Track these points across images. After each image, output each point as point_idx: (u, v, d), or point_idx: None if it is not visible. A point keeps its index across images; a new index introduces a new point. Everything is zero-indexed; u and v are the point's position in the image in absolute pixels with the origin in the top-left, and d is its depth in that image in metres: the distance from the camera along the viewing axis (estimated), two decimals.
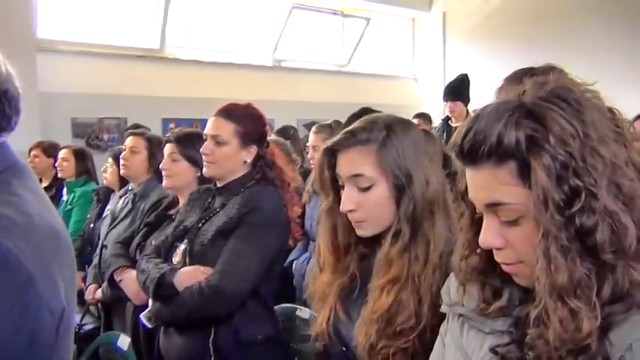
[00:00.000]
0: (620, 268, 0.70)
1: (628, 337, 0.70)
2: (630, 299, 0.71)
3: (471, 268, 0.88)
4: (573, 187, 0.70)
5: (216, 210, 1.90)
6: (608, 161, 0.71)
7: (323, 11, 7.42)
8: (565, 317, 0.70)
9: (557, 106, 0.73)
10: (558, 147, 0.71)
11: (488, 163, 0.76)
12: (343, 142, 1.19)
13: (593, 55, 7.09)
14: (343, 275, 1.27)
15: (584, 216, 0.69)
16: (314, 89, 7.16)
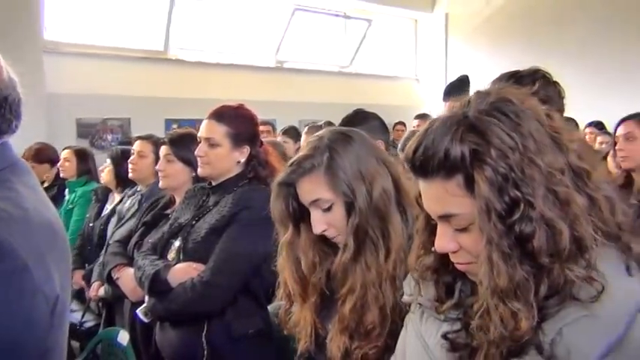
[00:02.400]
0: (556, 270, 0.75)
1: (559, 323, 0.76)
2: (564, 293, 0.76)
3: (426, 266, 0.93)
4: (513, 197, 0.75)
5: (210, 208, 1.96)
6: (544, 170, 0.76)
7: (325, 13, 7.47)
8: (505, 317, 0.76)
9: (497, 120, 0.78)
10: (499, 160, 0.76)
11: (438, 176, 0.81)
12: (292, 175, 1.27)
13: (591, 55, 7.13)
14: (313, 296, 1.34)
15: (523, 224, 0.75)
16: (316, 90, 7.21)
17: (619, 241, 0.82)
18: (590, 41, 7.15)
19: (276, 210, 1.33)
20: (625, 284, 0.78)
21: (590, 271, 0.76)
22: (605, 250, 0.80)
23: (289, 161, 1.31)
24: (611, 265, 0.79)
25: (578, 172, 0.81)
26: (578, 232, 0.76)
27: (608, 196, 0.84)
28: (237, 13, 6.83)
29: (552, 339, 0.76)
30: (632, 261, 0.81)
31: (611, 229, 0.81)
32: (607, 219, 0.82)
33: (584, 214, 0.77)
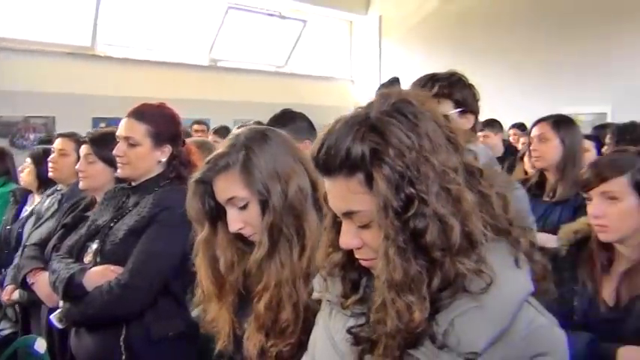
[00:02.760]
0: (448, 264, 0.79)
1: (451, 314, 0.80)
2: (456, 286, 0.80)
3: (333, 263, 0.95)
4: (408, 194, 0.78)
5: (130, 209, 1.92)
6: (438, 169, 0.79)
7: (260, 12, 7.44)
8: (400, 310, 0.79)
9: (396, 120, 0.81)
10: (397, 159, 0.79)
11: (341, 174, 0.83)
12: (208, 172, 1.27)
13: (518, 59, 7.48)
14: (231, 295, 1.34)
15: (417, 220, 0.78)
16: (251, 89, 7.17)
17: (509, 236, 0.86)
18: (517, 45, 7.49)
19: (193, 208, 1.32)
20: (513, 276, 0.83)
21: (480, 264, 0.79)
22: (495, 245, 0.84)
23: (206, 159, 1.31)
24: (500, 258, 0.83)
25: (471, 170, 0.85)
26: (469, 227, 0.80)
27: (501, 194, 0.89)
28: (169, 9, 6.69)
29: (445, 329, 0.80)
30: (521, 254, 0.86)
31: (502, 224, 0.86)
32: (498, 215, 0.86)
33: (475, 211, 0.81)
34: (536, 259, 0.88)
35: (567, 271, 1.66)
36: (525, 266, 0.85)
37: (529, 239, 0.88)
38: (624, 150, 1.63)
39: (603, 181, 1.53)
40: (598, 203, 1.54)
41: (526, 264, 0.86)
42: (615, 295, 1.57)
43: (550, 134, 2.57)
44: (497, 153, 5.23)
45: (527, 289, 0.82)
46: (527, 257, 0.87)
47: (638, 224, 1.52)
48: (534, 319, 0.81)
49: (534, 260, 0.88)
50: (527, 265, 0.86)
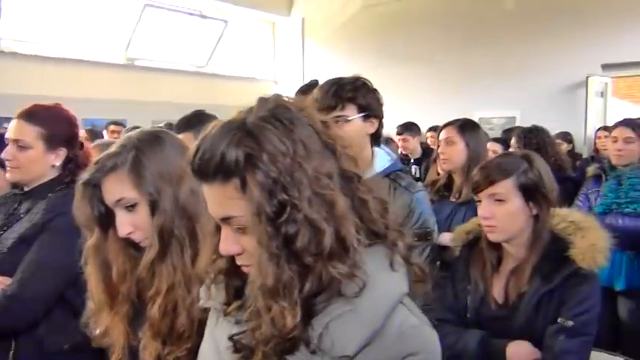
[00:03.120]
0: (320, 268, 0.79)
1: (326, 317, 0.81)
2: (331, 290, 0.81)
3: (217, 270, 0.94)
4: (281, 200, 0.78)
5: (21, 216, 1.81)
6: (312, 175, 0.80)
7: (179, 11, 7.27)
8: (273, 316, 0.79)
9: (272, 126, 0.81)
10: (270, 164, 0.78)
11: (217, 180, 0.82)
12: (95, 174, 1.22)
13: (435, 64, 7.75)
14: (124, 305, 1.29)
15: (289, 225, 0.78)
16: (171, 89, 7.00)
17: (386, 240, 0.88)
18: (434, 51, 7.77)
19: (81, 213, 1.26)
20: (387, 279, 0.85)
21: (353, 268, 0.80)
22: (372, 248, 0.86)
23: (95, 160, 1.25)
24: (376, 261, 0.85)
25: (349, 176, 0.86)
26: (342, 232, 0.80)
27: (380, 199, 0.90)
28: (83, 4, 6.40)
29: (320, 333, 0.80)
30: (398, 257, 0.88)
31: (379, 228, 0.87)
32: (375, 219, 0.87)
33: (349, 216, 0.82)
34: (413, 261, 0.90)
35: (461, 271, 1.73)
36: (401, 269, 0.87)
37: (406, 242, 0.90)
38: (510, 154, 1.71)
39: (491, 184, 1.60)
40: (486, 205, 1.62)
41: (402, 267, 0.88)
42: (504, 292, 1.65)
43: (456, 138, 2.66)
44: (415, 155, 5.39)
45: (400, 291, 0.84)
46: (405, 260, 0.89)
47: (523, 224, 1.61)
48: (406, 320, 0.83)
49: (411, 263, 0.90)
50: (404, 267, 0.88)
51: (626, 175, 2.95)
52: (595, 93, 6.73)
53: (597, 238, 1.57)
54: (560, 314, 1.55)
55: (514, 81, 7.18)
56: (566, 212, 1.67)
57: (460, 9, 7.58)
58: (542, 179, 1.60)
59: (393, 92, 8.19)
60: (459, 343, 1.63)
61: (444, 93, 7.58)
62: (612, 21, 6.61)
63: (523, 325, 1.59)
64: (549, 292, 1.57)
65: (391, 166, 1.96)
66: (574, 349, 1.53)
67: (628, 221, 2.85)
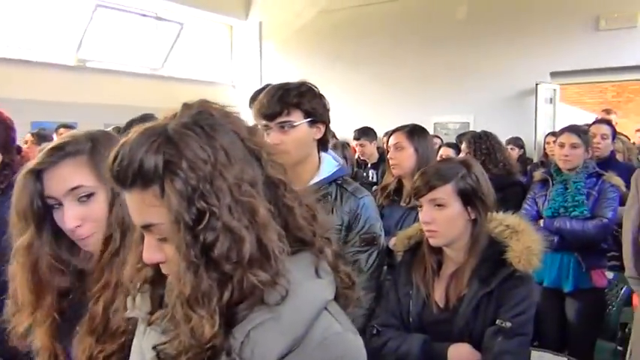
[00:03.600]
0: (240, 276, 0.79)
1: (247, 326, 0.80)
2: (253, 299, 0.80)
3: (142, 279, 0.92)
4: (200, 208, 0.77)
5: None
6: (232, 182, 0.79)
7: (133, 12, 7.14)
8: (192, 325, 0.78)
9: (193, 132, 0.80)
10: (190, 172, 0.77)
11: (136, 187, 0.80)
12: (49, 158, 1.15)
13: (391, 69, 7.86)
14: (51, 305, 1.23)
15: (207, 233, 0.77)
16: (125, 92, 6.86)
17: (312, 247, 0.87)
18: (391, 57, 7.88)
19: (21, 205, 1.17)
20: (311, 286, 0.84)
21: (275, 276, 0.80)
22: (297, 256, 0.85)
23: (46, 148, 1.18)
24: (301, 268, 0.84)
25: (275, 183, 0.86)
26: (264, 239, 0.80)
27: (309, 206, 0.90)
28: (31, 3, 6.21)
29: (242, 342, 0.79)
30: (325, 264, 0.88)
31: (306, 235, 0.87)
32: (302, 226, 0.87)
33: (271, 223, 0.81)
34: (341, 269, 0.90)
35: (403, 276, 1.76)
36: (328, 276, 0.87)
37: (334, 250, 0.90)
38: (449, 159, 1.75)
39: (431, 189, 1.63)
40: (427, 210, 1.64)
41: (329, 274, 0.88)
42: (445, 296, 1.67)
43: (405, 143, 2.69)
44: (372, 160, 5.44)
45: (324, 298, 0.84)
46: (332, 267, 0.89)
47: (462, 229, 1.64)
48: (329, 327, 0.83)
49: (339, 270, 0.90)
50: (330, 275, 0.88)
51: (572, 179, 3.05)
52: (544, 100, 6.94)
53: (532, 241, 1.62)
54: (499, 316, 1.58)
55: (467, 87, 7.35)
56: (502, 216, 1.71)
57: (414, 17, 7.71)
58: (480, 184, 1.64)
59: (350, 97, 8.33)
60: (402, 348, 1.65)
61: (400, 98, 7.69)
62: (560, 30, 6.85)
63: (463, 328, 1.62)
64: (487, 295, 1.61)
65: (338, 171, 1.96)
66: (512, 350, 1.56)
67: (575, 224, 2.95)
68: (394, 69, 7.83)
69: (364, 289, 1.86)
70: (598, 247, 3.00)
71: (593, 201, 2.98)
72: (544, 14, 6.90)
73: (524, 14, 7.02)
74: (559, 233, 2.99)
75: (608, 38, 6.59)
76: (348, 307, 0.90)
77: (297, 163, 1.91)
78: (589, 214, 2.95)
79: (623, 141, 4.80)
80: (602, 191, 2.99)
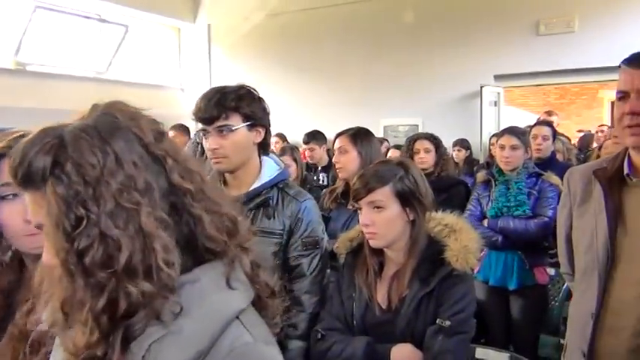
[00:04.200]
0: (113, 285, 0.75)
1: (147, 340, 0.77)
2: (145, 312, 0.77)
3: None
4: (79, 215, 0.75)
5: None
6: (118, 188, 0.76)
7: (75, 14, 6.91)
8: (68, 333, 0.76)
9: (88, 135, 0.77)
10: (75, 176, 0.75)
11: (30, 187, 0.78)
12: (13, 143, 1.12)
13: (341, 73, 7.92)
14: None
15: (82, 240, 0.74)
16: (67, 96, 6.60)
17: (224, 257, 0.85)
18: (341, 60, 7.93)
19: None
20: (220, 297, 0.82)
21: (163, 289, 0.77)
22: (206, 266, 0.83)
23: None
24: (211, 279, 0.82)
25: (181, 191, 0.83)
26: (146, 250, 0.77)
27: (226, 214, 0.87)
28: None
29: (143, 356, 0.77)
30: (239, 274, 0.85)
31: (217, 245, 0.84)
32: (212, 236, 0.84)
33: (157, 233, 0.78)
34: (260, 278, 0.88)
35: (346, 278, 1.75)
36: (242, 286, 0.85)
37: (252, 260, 0.88)
38: (387, 161, 1.76)
39: (370, 192, 1.63)
40: (366, 212, 1.64)
41: (243, 283, 0.85)
42: (387, 297, 1.68)
43: (349, 146, 2.70)
44: (322, 163, 5.44)
45: (234, 309, 0.82)
46: (249, 277, 0.86)
47: (402, 230, 1.65)
48: (239, 337, 0.81)
49: (257, 280, 0.88)
50: (245, 284, 0.85)
51: (513, 180, 3.13)
52: (489, 102, 7.13)
53: (469, 240, 1.64)
54: (438, 315, 1.60)
55: (416, 90, 7.48)
56: (441, 216, 1.73)
57: (363, 20, 7.79)
58: (418, 185, 1.65)
59: (301, 101, 8.33)
60: (346, 351, 1.65)
61: (350, 101, 7.75)
62: (503, 35, 7.06)
63: (405, 328, 1.63)
64: (428, 295, 1.62)
65: (279, 175, 1.95)
66: (452, 348, 1.58)
67: (517, 223, 3.03)
68: (344, 72, 7.89)
69: (308, 293, 1.87)
70: (540, 245, 3.09)
71: (534, 200, 3.08)
72: (487, 19, 7.10)
73: (469, 19, 7.20)
74: (503, 233, 3.07)
75: (548, 42, 6.83)
76: (270, 316, 0.89)
77: (237, 168, 1.89)
78: (531, 213, 3.04)
79: (563, 142, 4.97)
80: (542, 190, 3.08)
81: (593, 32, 6.54)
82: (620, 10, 6.47)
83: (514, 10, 7.01)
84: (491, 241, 3.09)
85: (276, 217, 1.88)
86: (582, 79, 7.22)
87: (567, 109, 11.41)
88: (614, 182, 1.52)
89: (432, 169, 3.52)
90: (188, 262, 0.81)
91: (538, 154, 3.85)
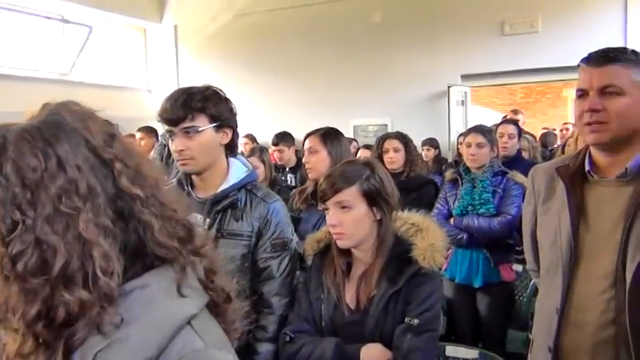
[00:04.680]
0: (47, 293, 0.73)
1: (92, 349, 0.75)
2: (86, 321, 0.75)
3: None
4: (14, 218, 0.73)
5: None
6: (57, 193, 0.74)
7: (36, 14, 6.75)
8: (4, 340, 0.75)
9: (31, 137, 0.75)
10: (14, 178, 0.73)
11: None
12: None
13: (310, 73, 7.92)
14: None
15: (16, 245, 0.72)
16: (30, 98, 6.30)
17: (175, 263, 0.82)
18: (309, 61, 7.93)
19: None
20: (169, 304, 0.80)
21: (102, 298, 0.75)
22: (154, 273, 0.81)
23: None
24: (160, 286, 0.80)
25: (130, 197, 0.80)
26: (84, 257, 0.75)
27: (177, 219, 0.85)
28: None
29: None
30: (191, 281, 0.83)
31: (167, 252, 0.82)
32: (163, 242, 0.81)
33: (97, 240, 0.75)
34: (215, 284, 0.86)
35: (314, 279, 1.75)
36: (194, 293, 0.83)
37: (206, 265, 0.86)
38: (353, 161, 1.76)
39: (337, 192, 1.63)
40: (333, 213, 1.64)
41: (195, 290, 0.83)
42: (356, 297, 1.68)
43: (319, 147, 2.69)
44: (290, 164, 5.42)
45: (184, 316, 0.80)
46: (203, 283, 0.85)
47: (369, 229, 1.65)
48: (189, 344, 0.79)
49: (211, 286, 0.86)
50: (198, 290, 0.83)
51: (479, 178, 3.17)
52: (456, 102, 7.23)
53: (435, 238, 1.65)
54: (407, 313, 1.61)
55: (384, 90, 7.52)
56: (407, 215, 1.74)
57: (331, 21, 7.80)
58: (384, 185, 1.65)
59: (270, 102, 8.30)
60: (315, 353, 1.64)
61: (320, 102, 7.76)
62: (469, 35, 7.16)
63: (374, 328, 1.63)
64: (396, 294, 1.63)
65: (247, 176, 1.93)
66: (421, 346, 1.59)
67: (482, 221, 3.07)
68: (313, 73, 7.89)
69: (277, 295, 1.86)
70: (505, 243, 3.14)
71: (499, 198, 3.12)
72: (453, 19, 7.19)
73: (435, 20, 7.28)
74: (467, 231, 3.11)
75: (513, 42, 6.95)
76: (227, 321, 0.87)
77: (204, 169, 1.87)
78: (495, 212, 3.08)
79: (528, 140, 5.06)
80: (506, 189, 3.13)
81: (556, 32, 6.68)
82: (582, 11, 6.63)
83: (480, 11, 7.12)
84: (457, 239, 3.13)
85: (245, 219, 1.86)
86: (546, 78, 7.37)
87: (533, 108, 11.65)
88: (577, 179, 1.54)
89: (402, 168, 3.55)
90: (137, 269, 0.79)
91: (504, 152, 3.91)
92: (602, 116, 1.44)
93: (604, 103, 1.44)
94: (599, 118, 1.44)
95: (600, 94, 1.45)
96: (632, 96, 1.43)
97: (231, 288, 0.89)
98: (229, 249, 1.83)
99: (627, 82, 1.43)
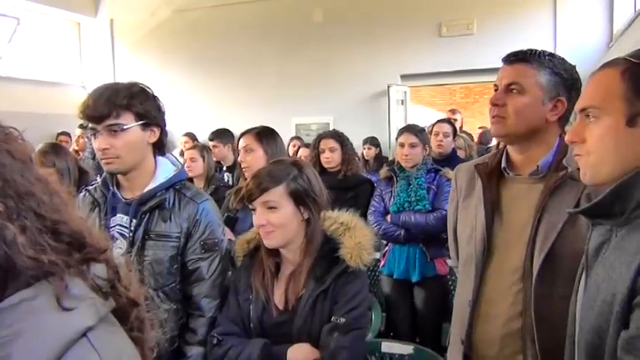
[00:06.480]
0: None
1: None
2: None
3: None
4: None
5: None
6: None
7: None
8: None
9: None
10: None
11: None
12: None
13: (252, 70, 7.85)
14: None
15: None
16: None
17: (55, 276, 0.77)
18: (251, 57, 7.85)
19: None
20: (55, 318, 0.76)
21: None
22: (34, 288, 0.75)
23: None
24: (46, 298, 0.75)
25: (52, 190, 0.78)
26: None
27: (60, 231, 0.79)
28: None
29: None
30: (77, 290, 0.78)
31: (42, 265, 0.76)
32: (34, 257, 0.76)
33: None
34: (116, 291, 0.82)
35: (243, 280, 1.73)
36: (81, 303, 0.77)
37: (105, 272, 0.81)
38: (281, 161, 1.75)
39: (263, 192, 1.62)
40: (261, 212, 1.63)
41: (83, 300, 0.78)
42: (284, 297, 1.67)
43: (254, 145, 2.67)
44: (227, 162, 5.32)
45: (74, 329, 0.75)
46: (95, 290, 0.80)
47: (297, 229, 1.65)
48: (84, 357, 0.75)
49: (114, 292, 0.82)
50: (88, 300, 0.78)
51: (414, 176, 3.24)
52: (396, 101, 7.34)
53: (363, 237, 1.67)
54: (334, 312, 1.61)
55: (326, 89, 7.56)
56: (336, 214, 1.75)
57: (274, 18, 7.77)
58: (312, 184, 1.66)
59: (211, 99, 8.18)
60: (242, 355, 1.62)
61: (262, 100, 7.71)
62: (408, 35, 7.29)
63: (302, 328, 1.63)
64: (323, 293, 1.63)
65: (175, 176, 1.88)
66: (347, 345, 1.59)
67: (418, 217, 3.15)
68: (255, 70, 7.83)
69: (207, 297, 1.82)
70: (439, 238, 3.22)
71: (433, 195, 3.21)
72: (393, 19, 7.30)
73: (375, 19, 7.37)
74: (405, 227, 3.18)
75: (450, 44, 7.13)
76: (135, 329, 0.84)
77: (130, 169, 1.81)
78: (430, 208, 3.17)
79: (464, 138, 5.21)
80: (440, 185, 3.22)
81: (490, 34, 6.90)
82: (514, 15, 6.87)
83: (418, 12, 7.26)
84: (395, 235, 3.19)
85: (173, 220, 1.82)
86: (482, 79, 7.58)
87: (472, 108, 11.98)
88: (493, 176, 1.60)
89: (339, 167, 3.58)
90: (20, 286, 0.74)
91: (440, 150, 4.01)
92: (502, 111, 1.52)
93: (506, 99, 1.51)
94: (499, 112, 1.52)
95: (505, 90, 1.52)
96: (533, 96, 1.50)
97: (138, 293, 0.85)
98: (157, 251, 1.78)
99: (531, 82, 1.50)
